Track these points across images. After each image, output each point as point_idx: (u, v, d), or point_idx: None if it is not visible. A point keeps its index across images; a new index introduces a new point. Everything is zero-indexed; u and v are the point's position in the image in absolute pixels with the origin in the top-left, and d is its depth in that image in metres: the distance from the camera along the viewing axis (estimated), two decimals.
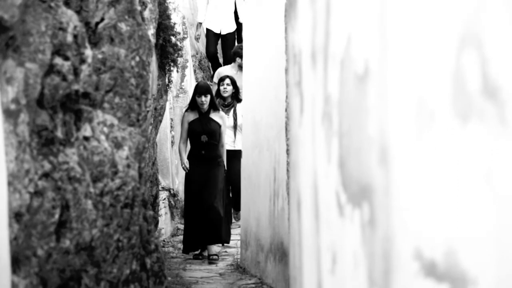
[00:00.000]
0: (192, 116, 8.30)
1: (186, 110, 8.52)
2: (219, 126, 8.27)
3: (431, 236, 1.31)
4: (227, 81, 9.18)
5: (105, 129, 3.93)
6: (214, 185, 8.25)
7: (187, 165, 8.28)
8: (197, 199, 8.18)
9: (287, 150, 5.37)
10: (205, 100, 8.18)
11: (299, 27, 2.63)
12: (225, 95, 9.21)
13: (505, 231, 1.10)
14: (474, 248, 1.17)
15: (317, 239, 2.42)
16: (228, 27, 11.92)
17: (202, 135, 8.15)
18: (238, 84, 9.48)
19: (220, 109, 8.60)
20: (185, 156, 8.45)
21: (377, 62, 1.61)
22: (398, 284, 1.53)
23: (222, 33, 11.94)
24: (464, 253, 1.20)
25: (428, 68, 1.32)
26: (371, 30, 1.65)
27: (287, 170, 5.40)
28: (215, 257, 8.22)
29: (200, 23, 12.00)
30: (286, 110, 5.28)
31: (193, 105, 8.41)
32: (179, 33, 6.68)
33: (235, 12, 12.07)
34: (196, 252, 8.36)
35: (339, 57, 1.94)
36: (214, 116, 8.26)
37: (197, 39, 12.16)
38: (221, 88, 9.19)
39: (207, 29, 11.97)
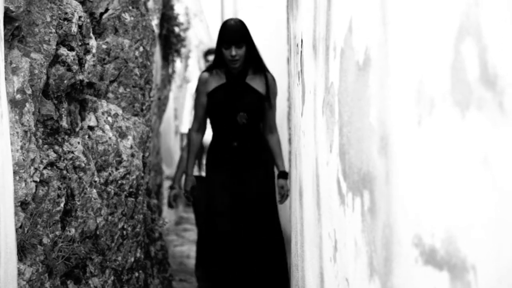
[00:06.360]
0: (214, 82, 4.53)
1: (204, 71, 4.64)
2: (262, 97, 4.45)
3: (431, 223, 1.33)
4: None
5: (110, 119, 3.95)
6: (260, 200, 4.39)
7: (188, 190, 4.65)
8: (229, 227, 4.39)
9: (289, 139, 5.36)
10: (238, 53, 4.40)
11: (300, 17, 2.64)
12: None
13: (504, 219, 1.11)
14: (473, 236, 1.18)
15: (319, 227, 2.44)
16: None
17: (238, 113, 4.45)
18: None
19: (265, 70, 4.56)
20: (191, 166, 4.59)
21: (377, 52, 1.62)
22: (398, 271, 1.54)
23: None
24: (463, 240, 1.21)
25: (427, 57, 1.33)
26: (371, 20, 1.66)
27: (289, 159, 5.40)
28: None
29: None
30: (288, 100, 5.27)
31: (217, 63, 4.57)
32: (183, 24, 6.69)
33: None
34: None
35: (340, 46, 1.95)
36: (252, 81, 4.48)
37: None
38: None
39: None
